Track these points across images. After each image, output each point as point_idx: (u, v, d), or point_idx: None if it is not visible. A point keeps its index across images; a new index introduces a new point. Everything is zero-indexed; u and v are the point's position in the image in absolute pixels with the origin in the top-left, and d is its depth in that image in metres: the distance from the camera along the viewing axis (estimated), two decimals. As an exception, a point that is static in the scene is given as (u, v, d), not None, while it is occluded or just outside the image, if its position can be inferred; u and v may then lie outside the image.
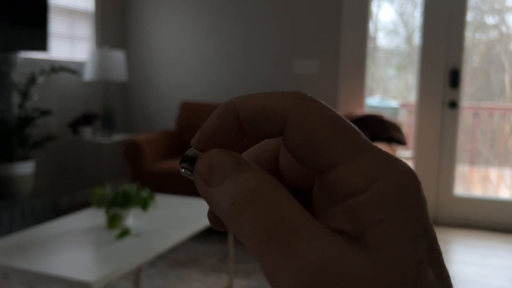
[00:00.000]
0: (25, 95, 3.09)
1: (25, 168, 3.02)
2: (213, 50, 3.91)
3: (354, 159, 0.18)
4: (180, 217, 2.06)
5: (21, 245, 1.67)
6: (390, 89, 4.61)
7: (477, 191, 4.23)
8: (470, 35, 3.67)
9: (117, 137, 3.69)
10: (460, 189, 3.72)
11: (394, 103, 4.40)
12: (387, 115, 3.28)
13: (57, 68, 3.25)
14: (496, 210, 3.33)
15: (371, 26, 3.59)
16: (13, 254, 1.58)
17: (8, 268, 1.50)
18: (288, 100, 0.19)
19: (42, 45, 3.11)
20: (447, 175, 3.37)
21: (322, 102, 0.19)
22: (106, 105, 3.75)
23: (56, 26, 3.51)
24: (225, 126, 0.20)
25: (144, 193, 1.91)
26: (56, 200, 3.17)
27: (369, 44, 3.53)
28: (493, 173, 4.45)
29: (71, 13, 3.69)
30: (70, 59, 3.67)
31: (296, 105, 0.19)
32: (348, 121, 0.19)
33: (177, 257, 2.67)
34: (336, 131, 0.18)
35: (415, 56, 3.57)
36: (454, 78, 3.29)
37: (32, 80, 3.12)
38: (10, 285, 2.29)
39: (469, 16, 3.38)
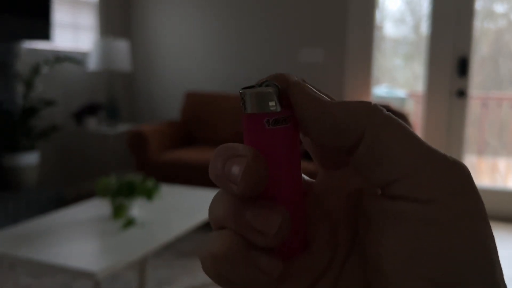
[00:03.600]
0: (29, 85, 3.07)
1: (30, 159, 3.02)
2: (218, 40, 3.88)
3: (418, 173, 0.18)
4: (185, 207, 2.05)
5: (26, 235, 1.67)
6: (397, 78, 4.56)
7: (485, 181, 4.20)
8: (478, 24, 3.61)
9: (122, 128, 3.67)
10: (467, 180, 3.68)
11: (401, 93, 4.36)
12: (394, 105, 3.25)
13: (61, 58, 3.23)
14: (504, 200, 3.31)
15: (378, 15, 3.54)
16: (19, 245, 1.57)
17: (14, 258, 1.49)
18: (364, 114, 0.19)
19: (45, 35, 3.09)
20: (454, 165, 3.33)
21: (394, 116, 0.19)
22: (111, 95, 3.73)
23: (59, 15, 3.48)
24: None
25: (149, 183, 1.89)
26: (61, 191, 3.17)
27: (376, 33, 3.49)
28: (502, 163, 4.41)
29: (75, 2, 3.66)
30: (74, 49, 3.65)
31: (373, 122, 0.19)
32: (417, 135, 0.19)
33: (182, 247, 2.67)
34: (412, 149, 0.19)
35: (423, 45, 3.53)
36: (463, 67, 3.24)
37: (36, 70, 3.10)
38: (16, 275, 2.29)
39: (478, 5, 3.32)
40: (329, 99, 0.20)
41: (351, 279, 0.21)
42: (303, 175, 0.23)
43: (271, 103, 0.19)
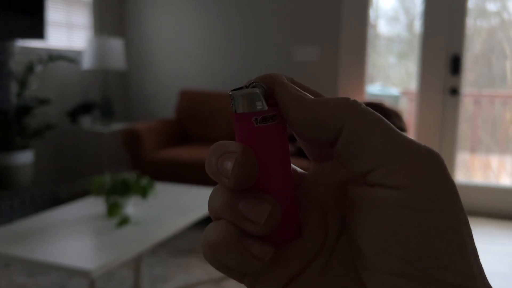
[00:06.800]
0: (23, 84, 3.07)
1: (24, 158, 3.01)
2: (212, 38, 3.88)
3: (393, 162, 0.20)
4: (180, 205, 2.05)
5: (21, 234, 1.67)
6: (391, 76, 4.58)
7: (478, 178, 4.23)
8: (471, 22, 3.64)
9: (116, 126, 3.67)
10: (461, 177, 3.71)
11: (395, 91, 4.38)
12: (387, 103, 3.26)
13: (55, 56, 3.23)
14: (497, 197, 3.33)
15: (372, 13, 3.55)
16: (14, 243, 1.58)
17: (9, 256, 1.50)
18: (342, 110, 0.20)
19: (39, 33, 3.08)
20: (448, 163, 3.36)
21: (372, 111, 0.20)
22: (105, 94, 3.73)
23: (53, 14, 3.47)
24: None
25: (144, 181, 1.90)
26: (56, 189, 3.16)
27: (370, 32, 3.50)
28: (494, 160, 4.45)
29: (69, 1, 3.65)
30: (68, 48, 3.64)
31: (350, 116, 0.20)
32: (393, 127, 0.20)
33: (177, 245, 2.67)
34: (387, 141, 0.20)
35: (416, 43, 3.55)
36: (455, 65, 3.27)
37: (30, 69, 3.10)
38: (11, 273, 2.29)
39: (471, 3, 3.34)
40: (311, 97, 0.21)
41: (341, 262, 0.22)
42: (296, 167, 0.25)
43: (258, 103, 0.21)
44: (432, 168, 0.20)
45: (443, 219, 0.19)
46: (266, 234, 0.21)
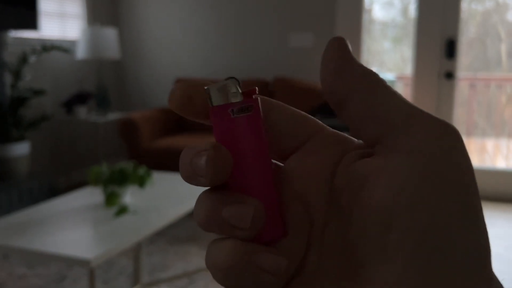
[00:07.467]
0: (17, 75, 3.05)
1: (20, 149, 3.01)
2: (207, 26, 3.86)
3: (408, 126, 0.19)
4: (178, 193, 2.06)
5: (20, 225, 1.67)
6: (386, 61, 4.57)
7: (474, 161, 4.25)
8: (466, 6, 3.62)
9: (112, 116, 3.67)
10: (456, 161, 3.73)
11: (390, 76, 4.38)
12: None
13: (48, 47, 3.20)
14: (493, 180, 3.36)
15: (366, -3, 3.54)
16: (12, 234, 1.58)
17: (8, 248, 1.50)
18: (361, 73, 0.21)
19: (32, 23, 3.05)
20: (443, 147, 3.37)
21: (379, 76, 0.21)
22: (100, 83, 3.71)
23: (46, 4, 3.44)
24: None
25: (141, 171, 1.90)
26: (53, 180, 3.16)
27: (365, 17, 3.49)
28: (490, 143, 4.47)
29: (61, -10, 3.62)
30: (62, 38, 3.62)
31: (368, 80, 0.21)
32: (401, 96, 0.21)
33: (176, 233, 2.69)
34: (404, 104, 0.20)
35: (411, 28, 3.54)
36: (450, 49, 3.26)
37: (23, 59, 3.08)
38: (11, 265, 2.30)
39: (465, -14, 3.33)
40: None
41: (332, 255, 0.21)
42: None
43: (233, 94, 0.21)
44: (450, 137, 0.19)
45: (459, 188, 0.18)
46: (255, 236, 0.20)
